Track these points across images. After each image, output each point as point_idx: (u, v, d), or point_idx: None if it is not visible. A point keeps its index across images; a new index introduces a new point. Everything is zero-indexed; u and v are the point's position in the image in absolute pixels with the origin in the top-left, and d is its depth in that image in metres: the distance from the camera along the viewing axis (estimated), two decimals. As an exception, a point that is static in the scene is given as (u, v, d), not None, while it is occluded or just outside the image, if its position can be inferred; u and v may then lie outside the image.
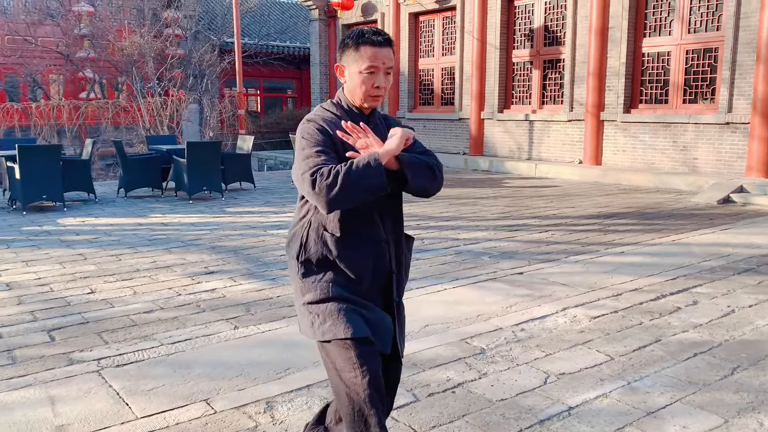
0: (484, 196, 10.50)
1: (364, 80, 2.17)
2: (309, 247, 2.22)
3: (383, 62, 2.17)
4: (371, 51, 2.16)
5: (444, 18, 16.79)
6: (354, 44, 2.18)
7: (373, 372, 2.12)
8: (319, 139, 2.14)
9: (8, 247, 6.60)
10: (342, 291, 2.19)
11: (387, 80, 2.21)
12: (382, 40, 2.17)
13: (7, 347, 3.82)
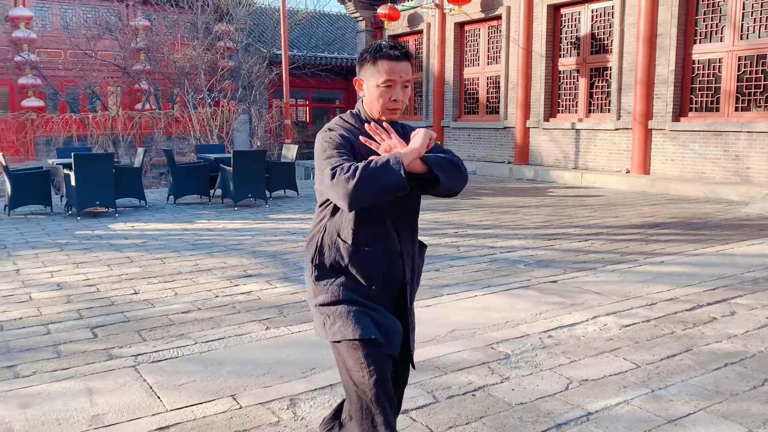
0: (526, 204, 10.44)
1: (382, 94, 2.21)
2: (323, 252, 2.29)
3: (400, 76, 2.21)
4: (388, 65, 2.19)
5: (489, 27, 16.78)
6: (372, 58, 2.22)
7: (379, 372, 2.18)
8: (340, 144, 2.20)
9: (62, 250, 6.94)
10: (352, 295, 2.25)
11: (405, 93, 2.25)
12: (400, 54, 2.21)
13: (53, 342, 4.05)
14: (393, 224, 2.28)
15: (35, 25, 20.07)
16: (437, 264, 6.16)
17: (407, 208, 2.33)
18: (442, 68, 17.81)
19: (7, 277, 5.73)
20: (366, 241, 2.25)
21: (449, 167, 2.20)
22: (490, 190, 12.49)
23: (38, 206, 9.63)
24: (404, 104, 2.27)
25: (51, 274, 5.86)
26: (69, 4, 20.67)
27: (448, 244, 7.13)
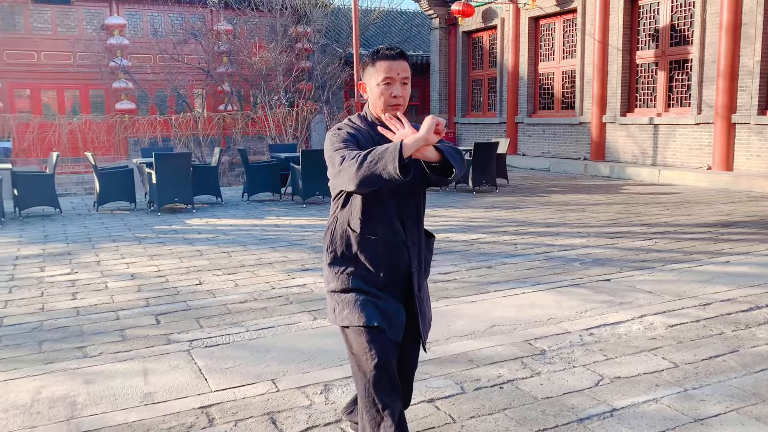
0: (596, 202, 10.23)
1: (382, 91, 2.36)
2: (335, 241, 2.47)
3: (398, 73, 2.36)
4: (386, 64, 2.35)
5: (564, 21, 16.45)
6: (371, 61, 2.39)
7: (381, 357, 2.32)
8: (347, 139, 2.37)
9: (140, 243, 7.45)
10: (360, 283, 2.41)
11: (404, 90, 2.38)
12: (395, 53, 2.37)
13: (120, 327, 4.42)
14: (398, 215, 2.43)
15: (128, 32, 21.35)
16: (491, 261, 6.21)
17: (412, 200, 2.46)
18: (516, 63, 17.61)
19: (89, 268, 6.25)
20: (372, 230, 2.41)
21: (456, 155, 2.32)
22: (561, 188, 12.29)
23: (123, 202, 10.33)
24: (405, 101, 2.39)
25: (127, 265, 6.34)
26: (158, 11, 21.85)
27: (505, 242, 7.13)
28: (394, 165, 2.13)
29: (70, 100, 21.46)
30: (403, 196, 2.42)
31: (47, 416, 3.09)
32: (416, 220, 2.50)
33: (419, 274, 2.52)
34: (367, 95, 2.45)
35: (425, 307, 2.59)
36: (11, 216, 9.54)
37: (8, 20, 20.44)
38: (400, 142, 2.18)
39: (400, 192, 2.41)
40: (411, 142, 2.17)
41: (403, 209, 2.44)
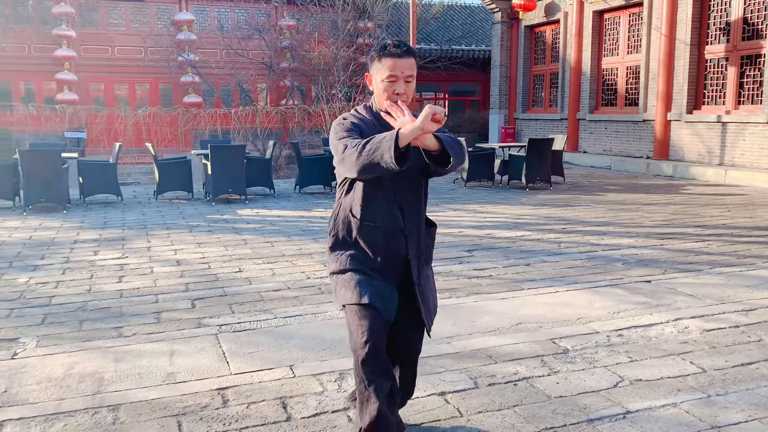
0: (653, 202, 9.89)
1: (386, 87, 2.40)
2: (338, 226, 2.55)
3: (402, 71, 2.38)
4: (391, 62, 2.38)
5: (630, 14, 15.93)
6: (377, 56, 2.42)
7: (370, 334, 2.38)
8: (350, 128, 2.43)
9: (190, 231, 7.72)
10: (358, 265, 2.48)
11: (408, 87, 2.41)
12: (401, 51, 2.39)
13: (157, 310, 4.61)
14: (398, 204, 2.47)
15: (195, 27, 22.02)
16: (530, 259, 6.12)
17: (412, 188, 2.50)
18: (578, 58, 17.18)
19: (139, 253, 6.52)
20: (372, 217, 2.47)
21: (455, 146, 2.33)
22: (618, 186, 11.94)
23: (181, 192, 10.70)
24: (409, 98, 2.41)
25: (175, 251, 6.58)
26: (225, 7, 22.44)
27: (549, 240, 7.01)
28: (390, 154, 2.16)
29: (140, 93, 22.34)
30: (403, 184, 2.46)
31: (75, 390, 3.27)
32: (416, 208, 2.53)
33: (418, 262, 2.54)
34: (372, 88, 2.50)
35: (428, 294, 2.62)
36: (76, 203, 10.05)
37: (86, 17, 21.44)
38: (397, 132, 2.20)
39: (400, 180, 2.44)
40: (407, 131, 2.19)
41: (403, 197, 2.48)
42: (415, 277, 2.53)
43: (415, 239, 2.53)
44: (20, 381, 3.38)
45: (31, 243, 7.03)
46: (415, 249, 2.53)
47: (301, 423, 2.93)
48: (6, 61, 20.27)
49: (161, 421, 2.95)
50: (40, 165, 8.98)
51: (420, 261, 2.56)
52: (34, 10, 20.61)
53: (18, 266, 5.95)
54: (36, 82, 20.93)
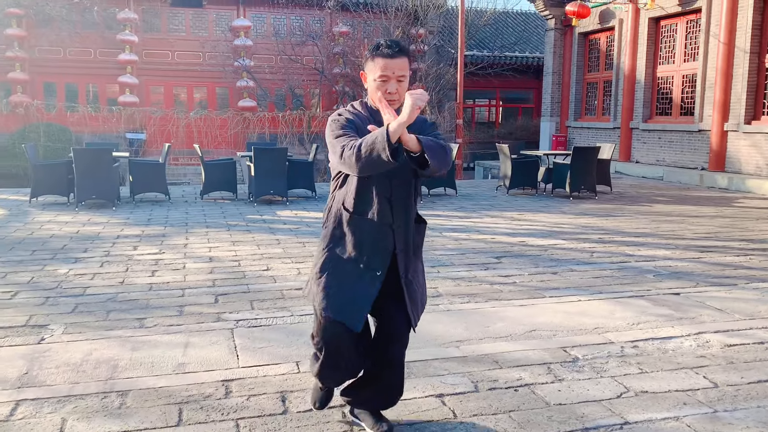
0: (700, 214, 9.57)
1: (378, 87, 2.48)
2: (329, 218, 2.66)
3: (393, 71, 2.46)
4: (383, 62, 2.46)
5: (687, 21, 15.46)
6: (371, 56, 2.51)
7: (327, 342, 2.63)
8: (345, 125, 2.53)
9: (228, 230, 7.94)
10: (337, 268, 2.57)
11: (400, 87, 2.47)
12: (393, 51, 2.46)
13: (182, 303, 4.77)
14: (388, 199, 2.54)
15: (252, 33, 22.59)
16: (558, 268, 6.03)
17: (403, 184, 2.56)
18: (633, 66, 16.77)
19: (175, 249, 6.75)
20: (362, 210, 2.56)
21: (437, 149, 2.37)
22: (667, 198, 11.60)
23: (226, 192, 10.99)
24: (401, 97, 2.47)
25: (209, 249, 6.78)
26: (281, 14, 22.94)
27: (582, 249, 6.88)
28: (385, 152, 2.23)
29: (198, 96, 23.05)
30: (394, 180, 2.53)
31: (90, 375, 3.43)
32: (405, 203, 2.58)
33: (406, 256, 2.60)
34: (367, 86, 2.58)
35: (415, 288, 2.67)
36: (126, 200, 10.46)
37: (148, 23, 22.30)
38: (387, 129, 2.25)
39: (391, 176, 2.50)
40: (395, 126, 2.25)
41: (393, 192, 2.55)
42: (402, 271, 2.59)
43: (403, 233, 2.59)
44: (41, 364, 3.56)
45: (78, 237, 7.37)
46: (402, 243, 2.60)
47: (296, 417, 2.99)
48: (73, 64, 21.29)
49: (164, 408, 3.06)
50: (93, 163, 9.39)
51: (408, 255, 2.61)
52: (99, 16, 21.57)
53: (61, 258, 6.25)
54: (100, 85, 21.89)
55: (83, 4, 20.79)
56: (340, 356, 2.65)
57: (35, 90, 21.07)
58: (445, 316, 4.50)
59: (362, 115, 2.59)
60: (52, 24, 20.98)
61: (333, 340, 2.60)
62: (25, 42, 20.69)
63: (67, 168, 9.76)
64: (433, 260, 6.28)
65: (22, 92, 20.43)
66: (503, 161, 12.11)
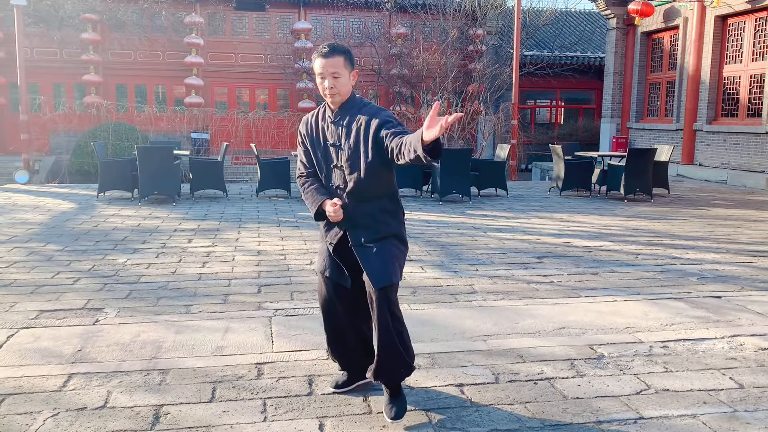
0: (760, 219, 9.26)
1: (319, 83, 2.93)
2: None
3: (327, 69, 2.85)
4: (319, 61, 2.88)
5: (757, 19, 14.89)
6: (313, 59, 2.93)
7: (322, 294, 3.17)
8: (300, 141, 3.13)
9: (279, 226, 8.22)
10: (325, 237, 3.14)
11: (337, 82, 2.86)
12: (326, 52, 2.86)
13: (227, 293, 5.04)
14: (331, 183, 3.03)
15: (312, 36, 23.06)
16: (599, 269, 6.01)
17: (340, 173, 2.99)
18: (698, 66, 16.27)
19: (227, 242, 7.07)
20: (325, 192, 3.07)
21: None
22: (728, 202, 11.24)
23: (281, 190, 11.34)
24: (339, 89, 2.87)
25: (258, 243, 7.06)
26: (341, 16, 23.32)
27: (627, 251, 6.81)
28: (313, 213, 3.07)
29: (260, 98, 23.70)
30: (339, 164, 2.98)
31: (136, 354, 3.70)
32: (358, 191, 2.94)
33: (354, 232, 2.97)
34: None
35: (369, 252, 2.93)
36: (186, 196, 10.94)
37: (213, 26, 23.09)
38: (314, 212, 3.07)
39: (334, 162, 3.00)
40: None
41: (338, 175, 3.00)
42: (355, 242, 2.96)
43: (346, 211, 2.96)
44: (94, 343, 3.87)
45: (138, 230, 7.80)
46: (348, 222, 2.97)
47: (320, 398, 3.16)
48: (142, 66, 22.27)
49: (200, 385, 3.29)
50: (155, 161, 9.89)
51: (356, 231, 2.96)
52: (167, 20, 22.48)
53: (121, 248, 6.66)
54: (168, 86, 22.80)
55: (153, 9, 21.73)
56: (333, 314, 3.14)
57: (108, 91, 22.15)
58: (477, 311, 4.59)
59: (311, 124, 3.07)
60: (123, 28, 22.02)
61: (325, 291, 3.13)
62: (99, 46, 21.78)
63: (132, 165, 10.30)
64: (473, 259, 6.36)
65: (95, 93, 21.52)
66: (556, 162, 12.00)
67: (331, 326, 3.18)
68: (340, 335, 3.18)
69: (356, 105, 2.95)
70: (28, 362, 3.58)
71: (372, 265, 2.89)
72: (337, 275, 3.07)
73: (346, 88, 2.90)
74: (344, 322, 3.15)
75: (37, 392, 3.20)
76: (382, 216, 2.98)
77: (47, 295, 4.89)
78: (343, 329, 3.16)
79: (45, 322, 4.26)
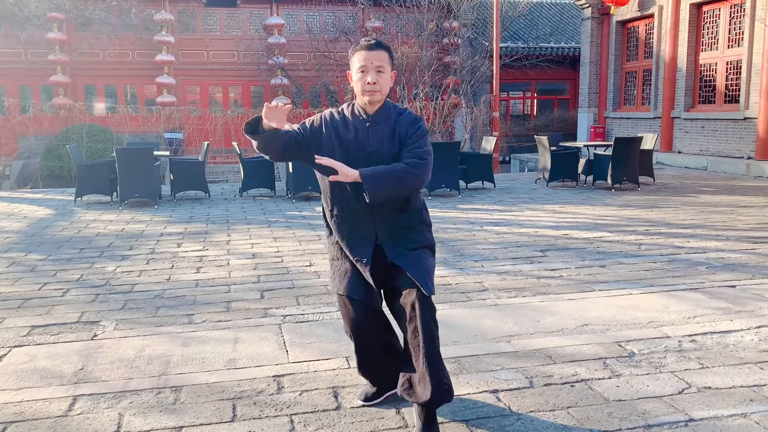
0: (750, 204, 9.28)
1: (359, 78, 2.66)
2: (325, 214, 2.87)
3: (371, 62, 2.63)
4: (363, 54, 2.65)
5: (732, 6, 15.00)
6: (352, 52, 2.70)
7: (351, 317, 2.83)
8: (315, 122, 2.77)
9: (269, 226, 7.97)
10: (341, 253, 2.83)
11: (381, 78, 2.64)
12: (372, 44, 2.66)
13: (228, 299, 4.80)
14: (355, 193, 2.68)
15: (285, 31, 22.69)
16: (606, 260, 5.90)
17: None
18: (674, 54, 16.36)
19: (218, 246, 6.80)
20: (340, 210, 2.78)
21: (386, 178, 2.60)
22: (713, 188, 11.29)
23: (265, 189, 11.06)
24: (381, 87, 2.64)
25: (252, 245, 6.81)
26: (314, 11, 22.99)
27: (629, 242, 6.72)
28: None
29: (233, 95, 23.27)
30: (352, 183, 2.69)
31: (143, 371, 3.45)
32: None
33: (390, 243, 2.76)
34: (352, 84, 2.73)
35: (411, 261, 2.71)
36: (167, 198, 10.60)
37: (184, 23, 22.58)
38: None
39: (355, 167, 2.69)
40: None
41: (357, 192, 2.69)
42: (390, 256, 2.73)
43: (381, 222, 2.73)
44: (96, 360, 3.61)
45: (123, 235, 7.48)
46: (385, 233, 2.73)
47: (350, 412, 2.96)
48: (112, 66, 21.68)
49: (218, 403, 3.06)
50: (135, 163, 9.53)
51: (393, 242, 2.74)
52: (136, 18, 21.92)
53: (108, 256, 6.35)
54: (138, 86, 22.25)
55: (121, 7, 21.14)
56: (365, 335, 2.86)
57: (76, 92, 21.52)
58: (494, 310, 4.42)
59: (339, 116, 2.75)
60: (91, 27, 21.39)
61: (352, 314, 2.80)
62: (66, 45, 21.14)
63: (110, 168, 9.93)
64: (476, 254, 6.20)
65: (63, 95, 20.89)
66: (542, 153, 11.92)
67: (363, 347, 2.93)
68: (373, 355, 2.94)
69: (392, 109, 2.75)
70: (27, 385, 3.31)
71: (420, 270, 2.68)
72: (367, 296, 2.79)
73: (387, 87, 2.69)
74: (375, 339, 2.91)
75: (41, 418, 2.94)
76: (420, 227, 2.81)
77: (37, 309, 4.60)
78: (375, 348, 2.93)
79: (39, 339, 3.97)
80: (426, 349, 2.64)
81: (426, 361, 2.64)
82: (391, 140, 2.68)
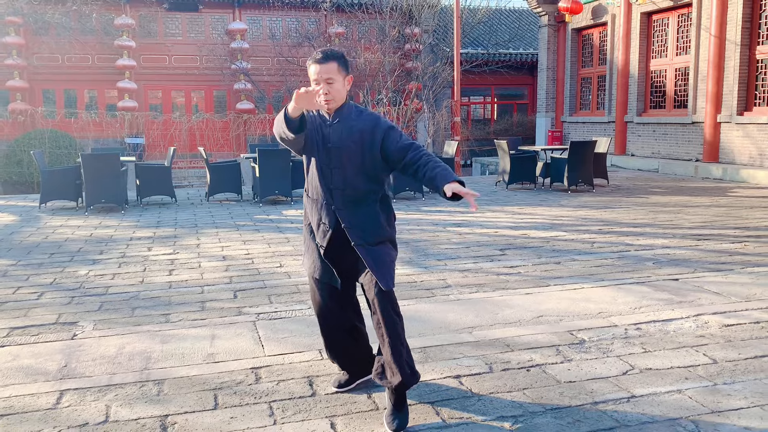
0: (696, 204, 9.81)
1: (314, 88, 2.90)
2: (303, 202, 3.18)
3: (321, 75, 2.86)
4: (313, 67, 2.89)
5: (679, 15, 15.72)
6: (308, 65, 2.95)
7: (317, 299, 3.16)
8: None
9: (237, 230, 8.13)
10: (311, 237, 3.11)
11: (331, 88, 2.88)
12: (320, 58, 2.88)
13: (202, 300, 4.98)
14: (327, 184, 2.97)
15: (248, 36, 22.76)
16: (560, 258, 6.25)
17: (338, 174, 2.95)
18: (626, 61, 17.02)
19: (189, 249, 6.95)
20: (312, 194, 3.07)
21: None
22: (663, 189, 11.84)
23: (231, 194, 11.19)
24: (333, 95, 2.89)
25: (222, 248, 6.98)
26: (277, 16, 23.11)
27: (583, 240, 7.11)
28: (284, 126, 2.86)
29: (196, 100, 23.21)
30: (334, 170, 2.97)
31: (125, 366, 3.63)
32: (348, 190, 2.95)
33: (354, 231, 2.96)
34: None
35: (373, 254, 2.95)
36: (134, 204, 10.65)
37: (145, 28, 22.45)
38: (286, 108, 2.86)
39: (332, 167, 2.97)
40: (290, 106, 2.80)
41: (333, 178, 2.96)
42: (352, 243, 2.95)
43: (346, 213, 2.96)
44: (78, 358, 3.77)
45: (92, 240, 7.56)
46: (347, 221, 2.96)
47: (325, 398, 3.20)
48: (71, 70, 21.43)
49: (200, 394, 3.27)
50: (101, 168, 9.58)
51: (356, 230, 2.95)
52: (97, 22, 21.72)
53: (79, 260, 6.45)
54: (99, 91, 22.03)
55: (81, 11, 20.92)
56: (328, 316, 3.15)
57: (34, 97, 21.21)
58: (456, 305, 4.71)
59: (315, 117, 3.02)
60: (50, 31, 21.12)
61: (319, 295, 3.12)
62: (23, 50, 20.82)
63: (75, 173, 9.94)
64: (440, 254, 6.49)
65: (21, 100, 20.56)
66: (502, 157, 12.33)
67: (328, 328, 3.20)
68: (338, 336, 3.21)
69: (352, 110, 2.99)
70: (13, 381, 3.46)
71: (379, 267, 2.92)
72: (327, 276, 3.06)
73: (341, 94, 2.92)
74: (340, 321, 3.17)
75: (31, 411, 3.10)
76: (380, 219, 3.01)
77: (13, 312, 4.71)
78: (339, 329, 3.19)
79: (19, 340, 4.10)
80: (389, 339, 2.93)
81: (390, 350, 2.93)
82: (349, 136, 2.91)
